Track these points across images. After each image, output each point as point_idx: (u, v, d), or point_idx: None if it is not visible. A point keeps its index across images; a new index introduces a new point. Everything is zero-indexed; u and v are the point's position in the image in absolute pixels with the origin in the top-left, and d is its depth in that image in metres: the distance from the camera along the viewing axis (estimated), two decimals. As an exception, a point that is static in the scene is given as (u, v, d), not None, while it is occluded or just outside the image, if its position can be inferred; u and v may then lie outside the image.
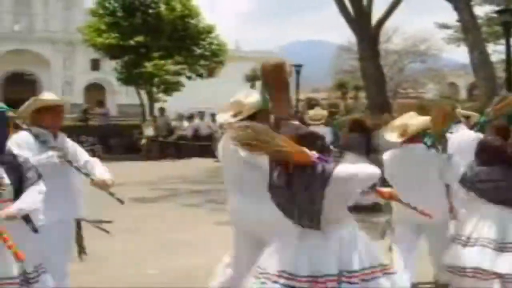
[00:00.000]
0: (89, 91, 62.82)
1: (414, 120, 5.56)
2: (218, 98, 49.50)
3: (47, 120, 5.08)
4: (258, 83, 30.52)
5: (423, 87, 51.74)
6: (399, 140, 5.57)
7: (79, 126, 26.04)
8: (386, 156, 5.78)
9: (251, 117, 4.57)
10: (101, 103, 26.38)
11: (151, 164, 20.81)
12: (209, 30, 28.15)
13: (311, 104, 39.39)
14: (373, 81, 16.80)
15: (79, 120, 29.56)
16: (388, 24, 18.14)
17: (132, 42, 25.31)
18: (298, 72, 33.08)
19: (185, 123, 25.36)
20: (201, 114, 25.65)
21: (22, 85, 59.56)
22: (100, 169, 5.36)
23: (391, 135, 5.65)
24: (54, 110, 5.14)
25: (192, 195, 13.25)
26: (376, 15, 17.02)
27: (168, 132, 24.97)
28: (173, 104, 29.87)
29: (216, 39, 28.51)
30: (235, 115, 4.76)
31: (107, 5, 26.90)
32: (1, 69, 59.78)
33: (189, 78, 28.72)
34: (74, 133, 24.57)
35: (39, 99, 5.20)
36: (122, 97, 59.73)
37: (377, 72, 16.91)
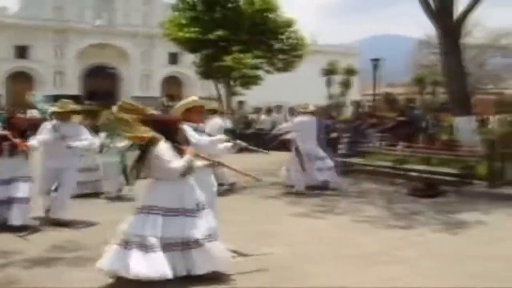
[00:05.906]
0: (167, 84, 63.95)
1: None
2: (295, 91, 49.44)
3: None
4: (334, 77, 30.54)
5: (504, 82, 50.34)
6: None
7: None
8: None
9: None
10: (171, 97, 26.82)
11: (228, 157, 20.98)
12: (288, 24, 28.20)
13: (389, 99, 39.13)
14: (454, 76, 16.46)
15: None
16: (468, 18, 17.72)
17: (212, 36, 25.64)
18: (375, 67, 32.93)
19: (263, 117, 25.58)
20: (278, 108, 25.84)
21: (102, 78, 61.33)
22: None
23: None
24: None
25: (270, 187, 13.38)
26: (458, 9, 16.67)
27: (245, 125, 25.26)
28: (251, 98, 30.12)
29: (295, 33, 28.53)
30: None
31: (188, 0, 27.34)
32: (83, 63, 61.62)
33: (267, 72, 28.89)
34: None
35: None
36: (197, 90, 60.61)
37: (458, 67, 16.53)
